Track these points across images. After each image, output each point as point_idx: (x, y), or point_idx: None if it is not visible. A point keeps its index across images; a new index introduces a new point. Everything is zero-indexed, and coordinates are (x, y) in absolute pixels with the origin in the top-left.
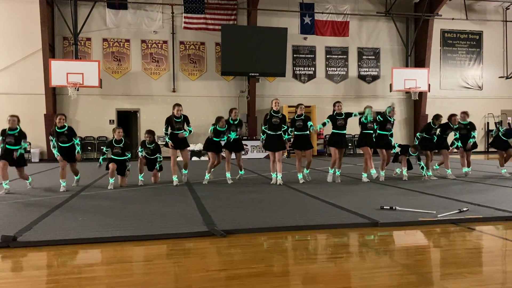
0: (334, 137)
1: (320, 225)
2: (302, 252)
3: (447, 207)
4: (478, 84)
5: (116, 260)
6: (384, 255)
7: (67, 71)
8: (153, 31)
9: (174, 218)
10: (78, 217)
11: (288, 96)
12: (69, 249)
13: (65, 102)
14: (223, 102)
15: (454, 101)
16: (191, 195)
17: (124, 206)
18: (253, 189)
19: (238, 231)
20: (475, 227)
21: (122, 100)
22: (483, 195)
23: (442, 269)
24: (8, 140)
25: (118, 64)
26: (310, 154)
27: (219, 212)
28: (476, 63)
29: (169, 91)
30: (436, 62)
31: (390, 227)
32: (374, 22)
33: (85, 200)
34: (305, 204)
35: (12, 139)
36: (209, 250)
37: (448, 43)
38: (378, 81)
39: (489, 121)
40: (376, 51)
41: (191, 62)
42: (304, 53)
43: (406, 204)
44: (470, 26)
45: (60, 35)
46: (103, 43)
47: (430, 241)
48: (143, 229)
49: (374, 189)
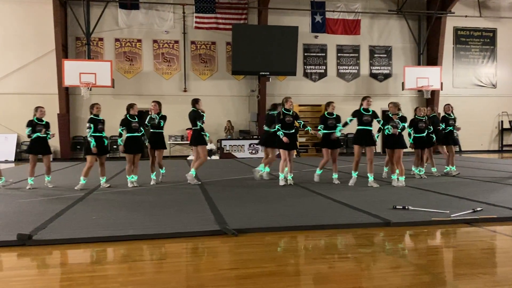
0: (359, 134)
1: (332, 224)
2: (313, 251)
3: (460, 207)
4: (492, 82)
5: (129, 259)
6: (397, 255)
7: (80, 71)
8: (164, 31)
9: (186, 217)
10: (91, 216)
11: (298, 95)
12: (83, 248)
13: (78, 102)
14: (233, 101)
15: (467, 100)
16: (203, 194)
17: (137, 205)
18: (264, 188)
19: (249, 230)
20: (489, 227)
21: (134, 100)
22: (498, 194)
23: (456, 270)
24: (38, 128)
25: (130, 64)
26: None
27: (231, 211)
28: (490, 61)
29: (181, 90)
30: (448, 60)
31: (403, 227)
32: (386, 20)
33: (99, 199)
34: (316, 203)
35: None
36: (221, 249)
37: (461, 40)
38: (390, 79)
39: (503, 119)
40: (388, 49)
41: (202, 62)
42: (315, 52)
43: (418, 203)
44: (484, 23)
45: (73, 35)
46: (115, 43)
47: (443, 241)
48: (155, 227)
49: (386, 189)
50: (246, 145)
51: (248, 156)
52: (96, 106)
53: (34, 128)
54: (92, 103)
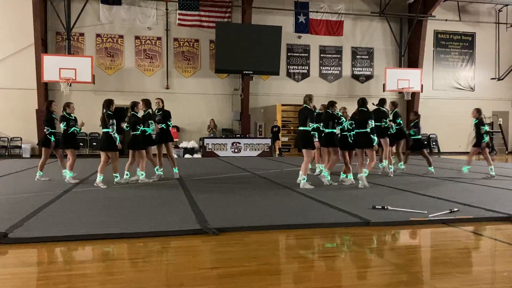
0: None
1: (313, 224)
2: (294, 250)
3: (438, 207)
4: (470, 85)
5: (108, 258)
6: (376, 254)
7: (59, 66)
8: (147, 28)
9: (167, 215)
10: (70, 213)
11: (281, 94)
12: (61, 246)
13: (57, 97)
14: (216, 99)
15: (446, 102)
16: (184, 193)
17: (117, 203)
18: (246, 187)
19: (230, 229)
20: (465, 228)
21: (115, 96)
22: (474, 195)
23: (433, 269)
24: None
25: (112, 60)
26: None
27: (212, 210)
28: (468, 65)
29: (163, 88)
30: (429, 63)
31: (382, 226)
32: (368, 22)
33: (78, 197)
34: (297, 203)
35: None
36: (202, 248)
37: (441, 44)
38: (371, 80)
39: None
40: (370, 51)
41: (185, 59)
42: (298, 52)
43: (397, 203)
44: (463, 28)
45: (53, 30)
46: (96, 39)
47: (421, 241)
48: (135, 226)
49: (367, 189)
50: (229, 144)
51: (231, 155)
52: (72, 105)
53: (68, 123)
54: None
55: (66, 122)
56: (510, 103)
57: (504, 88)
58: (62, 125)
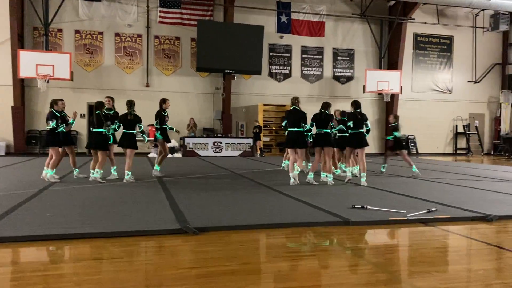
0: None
1: (293, 223)
2: (274, 250)
3: (416, 207)
4: (448, 88)
5: (85, 257)
6: (355, 253)
7: (36, 62)
8: (127, 25)
9: (146, 215)
10: (46, 213)
11: (263, 94)
12: (36, 246)
13: (34, 94)
14: (198, 98)
15: (424, 104)
16: (164, 192)
17: (95, 202)
18: (226, 187)
19: (210, 228)
20: (443, 227)
21: (94, 94)
22: (451, 195)
23: (411, 268)
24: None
25: (91, 57)
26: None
27: (192, 209)
28: (446, 67)
29: (143, 85)
30: (408, 65)
31: (361, 226)
32: (349, 24)
33: (55, 195)
34: (278, 202)
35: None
36: (181, 248)
37: (420, 46)
38: (352, 82)
39: (457, 124)
40: (350, 52)
41: (166, 57)
42: (280, 52)
43: (376, 203)
44: (442, 31)
45: (30, 25)
46: (75, 35)
47: (400, 240)
48: (113, 225)
49: (347, 188)
50: (210, 143)
51: (212, 154)
52: (60, 102)
53: (58, 121)
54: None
55: (56, 120)
56: (486, 105)
57: (480, 90)
58: (53, 123)
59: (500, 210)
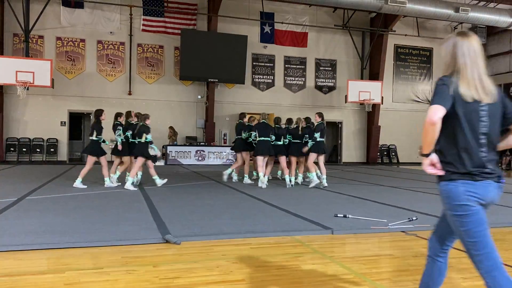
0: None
1: (276, 232)
2: (257, 259)
3: (397, 216)
4: (427, 98)
5: (63, 269)
6: (338, 262)
7: (16, 69)
8: (110, 32)
9: (127, 224)
10: (23, 223)
11: (247, 103)
12: (10, 257)
13: (13, 101)
14: (181, 106)
15: (405, 114)
16: (145, 201)
17: (74, 212)
18: (208, 196)
19: (192, 238)
20: (423, 236)
21: (75, 102)
22: (431, 204)
23: (393, 277)
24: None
25: (72, 64)
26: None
27: (174, 218)
28: (426, 78)
29: (125, 93)
30: (389, 76)
31: (344, 235)
32: (332, 35)
33: (32, 205)
34: (261, 211)
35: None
36: (163, 258)
37: (401, 58)
38: (334, 92)
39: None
40: (333, 62)
41: (149, 65)
42: (263, 62)
43: (358, 212)
44: (421, 43)
45: (9, 31)
46: (56, 42)
47: (382, 249)
48: (93, 235)
49: (329, 197)
50: (193, 152)
51: (195, 163)
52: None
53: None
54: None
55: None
56: None
57: None
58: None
59: None
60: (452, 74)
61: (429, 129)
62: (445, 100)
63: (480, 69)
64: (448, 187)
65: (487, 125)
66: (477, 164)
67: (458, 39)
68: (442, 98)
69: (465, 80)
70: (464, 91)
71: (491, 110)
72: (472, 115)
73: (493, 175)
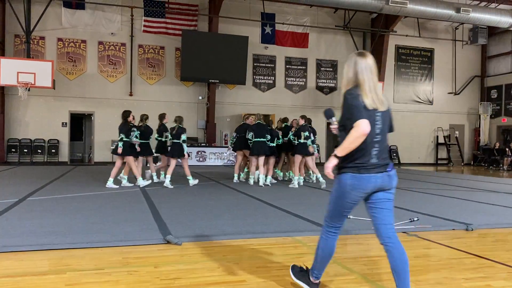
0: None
1: (276, 232)
2: (258, 260)
3: (398, 217)
4: (429, 99)
5: (66, 269)
6: (339, 263)
7: (17, 70)
8: (111, 33)
9: (128, 225)
10: (24, 224)
11: (248, 104)
12: (12, 257)
13: (14, 102)
14: (181, 107)
15: (406, 114)
16: (146, 202)
17: (75, 212)
18: (209, 197)
19: (193, 239)
20: (424, 236)
21: (76, 102)
22: (432, 205)
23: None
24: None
25: (73, 65)
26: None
27: (175, 219)
28: (427, 79)
29: (126, 94)
30: (390, 76)
31: (345, 235)
32: (333, 35)
33: (33, 206)
34: (262, 212)
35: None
36: (164, 259)
37: (402, 58)
38: (335, 92)
39: (438, 134)
40: (334, 63)
41: (150, 66)
42: (264, 62)
43: (359, 212)
44: (423, 44)
45: (11, 32)
46: (57, 43)
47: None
48: (95, 236)
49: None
50: (194, 153)
51: (196, 164)
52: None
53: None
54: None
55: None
56: (465, 116)
57: (461, 102)
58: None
59: (480, 219)
60: (355, 87)
61: (359, 139)
62: (363, 113)
63: (374, 83)
64: (342, 177)
65: (380, 128)
66: (367, 159)
67: (358, 59)
68: (361, 111)
69: (365, 92)
70: (366, 101)
71: (383, 116)
72: (370, 120)
73: (380, 167)
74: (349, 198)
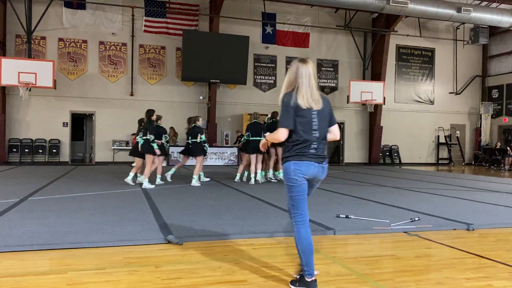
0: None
1: (277, 232)
2: (259, 260)
3: (399, 216)
4: (430, 99)
5: (67, 269)
6: (340, 263)
7: (18, 70)
8: (112, 33)
9: (129, 225)
10: (25, 223)
11: (249, 104)
12: (13, 257)
13: (15, 102)
14: (182, 107)
15: (407, 114)
16: (147, 202)
17: (76, 212)
18: (210, 196)
19: (194, 239)
20: (425, 236)
21: (77, 102)
22: (433, 205)
23: (395, 277)
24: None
25: (74, 65)
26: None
27: (176, 219)
28: (428, 79)
29: (127, 94)
30: (391, 76)
31: (346, 235)
32: (333, 35)
33: (34, 206)
34: (263, 212)
35: None
36: (165, 259)
37: (403, 58)
38: (336, 92)
39: (439, 134)
40: (334, 63)
41: (151, 66)
42: (265, 62)
43: (360, 212)
44: (424, 43)
45: (12, 32)
46: (58, 43)
47: (384, 250)
48: (96, 236)
49: (331, 198)
50: None
51: None
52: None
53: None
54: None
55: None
56: (466, 116)
57: (461, 102)
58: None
59: (482, 219)
60: (293, 90)
61: (275, 140)
62: (289, 120)
63: (312, 86)
64: (285, 165)
65: (317, 124)
66: (307, 149)
67: (299, 65)
68: (287, 118)
69: (301, 94)
70: (300, 101)
71: (320, 114)
72: (307, 117)
73: (318, 157)
74: (296, 182)
